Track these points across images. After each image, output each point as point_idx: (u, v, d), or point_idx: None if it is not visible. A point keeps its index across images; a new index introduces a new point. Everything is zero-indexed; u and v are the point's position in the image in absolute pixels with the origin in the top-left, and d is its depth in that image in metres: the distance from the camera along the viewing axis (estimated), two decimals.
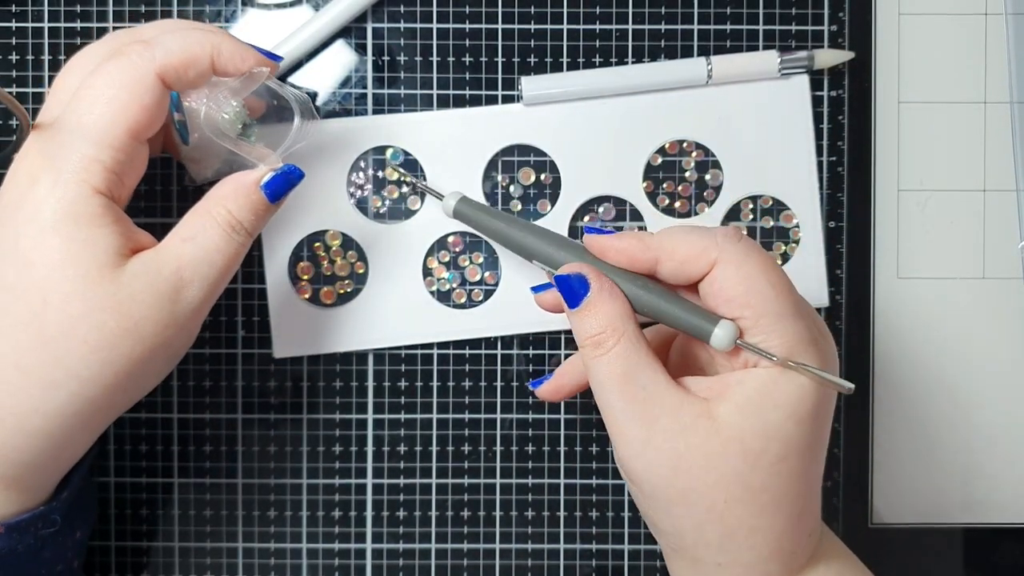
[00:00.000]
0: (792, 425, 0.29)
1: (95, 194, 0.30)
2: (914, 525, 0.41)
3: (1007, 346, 0.41)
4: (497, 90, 0.40)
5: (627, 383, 0.30)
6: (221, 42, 0.32)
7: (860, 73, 0.41)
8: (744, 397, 0.30)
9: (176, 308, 0.31)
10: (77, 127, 0.30)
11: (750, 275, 0.30)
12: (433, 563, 0.41)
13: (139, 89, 0.30)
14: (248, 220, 0.33)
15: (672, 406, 0.30)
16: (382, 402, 0.41)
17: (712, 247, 0.30)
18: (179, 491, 0.41)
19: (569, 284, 0.32)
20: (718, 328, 0.30)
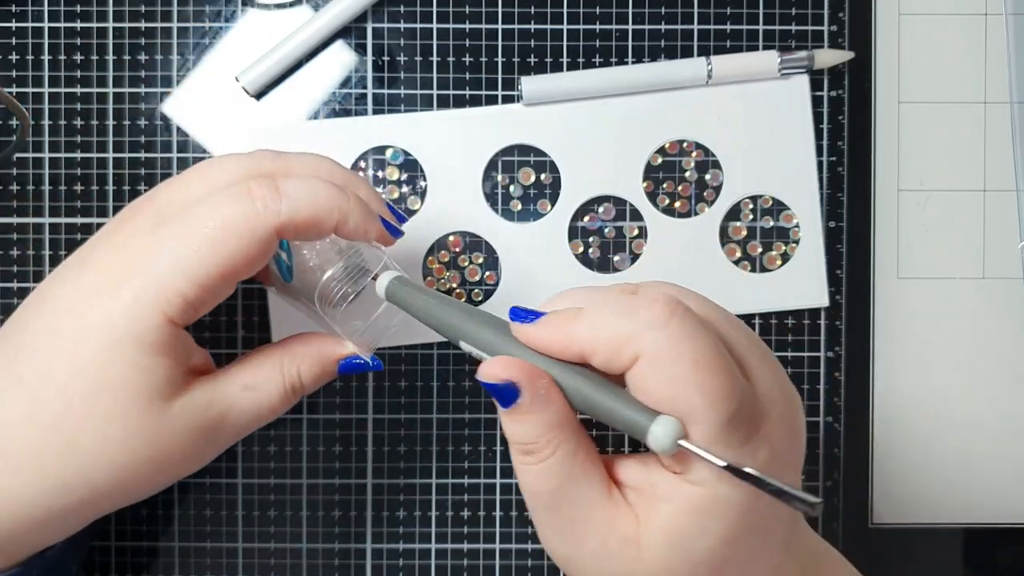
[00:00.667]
0: (724, 548, 0.26)
1: (167, 323, 0.29)
2: (914, 525, 0.41)
3: (1007, 346, 0.41)
4: (497, 90, 0.40)
5: (555, 497, 0.28)
6: (352, 210, 0.30)
7: (860, 73, 0.41)
8: (672, 522, 0.26)
9: (207, 446, 0.31)
10: (174, 252, 0.28)
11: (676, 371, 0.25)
12: (433, 563, 0.41)
13: (251, 240, 0.29)
14: (311, 386, 0.32)
15: (600, 528, 0.27)
16: (382, 402, 0.41)
17: (633, 337, 0.26)
18: (179, 491, 0.41)
19: (499, 390, 0.27)
20: (656, 425, 0.25)
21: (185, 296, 0.29)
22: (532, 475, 0.28)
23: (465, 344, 0.30)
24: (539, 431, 0.27)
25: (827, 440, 0.41)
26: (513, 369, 0.27)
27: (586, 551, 0.27)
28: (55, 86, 0.40)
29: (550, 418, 0.27)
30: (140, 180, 0.40)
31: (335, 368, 0.33)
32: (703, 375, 0.25)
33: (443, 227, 0.40)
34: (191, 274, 0.28)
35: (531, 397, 0.27)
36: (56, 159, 0.40)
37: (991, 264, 0.41)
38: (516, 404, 0.27)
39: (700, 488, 0.26)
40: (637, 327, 0.26)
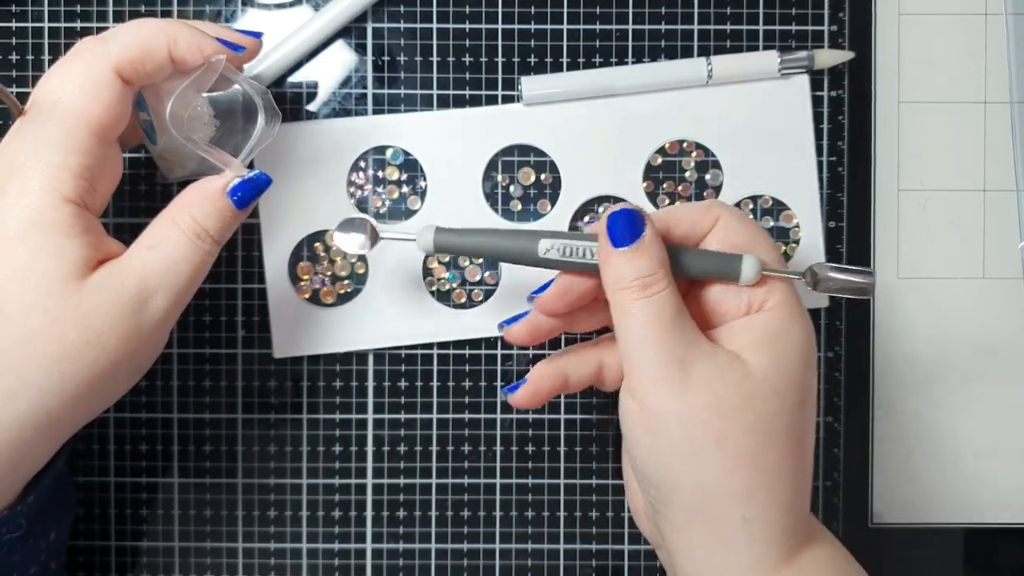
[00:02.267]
0: (802, 367, 0.31)
1: (64, 203, 0.29)
2: (914, 525, 0.41)
3: (1007, 346, 0.41)
4: (497, 90, 0.40)
5: (673, 325, 0.31)
6: (177, 31, 0.31)
7: (860, 73, 0.41)
8: (758, 340, 0.31)
9: (140, 319, 0.30)
10: (42, 134, 0.29)
11: (751, 227, 0.33)
12: (433, 563, 0.41)
13: (97, 88, 0.30)
14: (214, 227, 0.32)
15: (708, 351, 0.31)
16: (382, 402, 0.41)
17: (713, 206, 0.33)
18: (179, 491, 0.41)
19: (629, 220, 0.31)
20: (744, 262, 0.32)
21: (69, 168, 0.29)
22: (651, 305, 0.31)
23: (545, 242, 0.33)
24: (656, 264, 0.31)
25: (827, 440, 0.41)
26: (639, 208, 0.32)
27: (699, 370, 0.30)
28: None
29: (663, 255, 0.32)
30: (140, 180, 0.40)
31: (226, 200, 0.32)
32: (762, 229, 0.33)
33: None
34: (63, 144, 0.29)
35: (652, 234, 0.32)
36: None
37: (991, 264, 0.41)
38: (640, 239, 0.31)
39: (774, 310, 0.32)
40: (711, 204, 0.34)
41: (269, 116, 0.34)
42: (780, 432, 0.31)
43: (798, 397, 0.31)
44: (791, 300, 0.32)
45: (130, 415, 0.40)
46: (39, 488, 0.32)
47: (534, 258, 0.33)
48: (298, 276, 0.40)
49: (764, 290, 0.32)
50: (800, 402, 0.31)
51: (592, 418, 0.41)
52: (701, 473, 0.30)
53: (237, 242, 0.40)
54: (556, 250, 0.33)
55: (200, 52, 0.32)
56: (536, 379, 0.35)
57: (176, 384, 0.40)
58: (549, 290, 0.34)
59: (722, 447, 0.30)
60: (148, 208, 0.40)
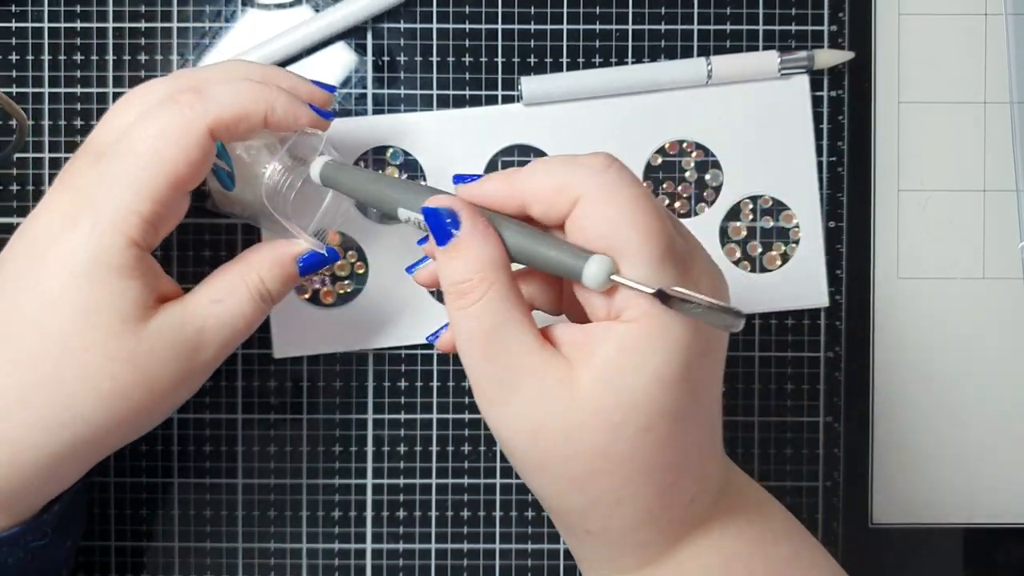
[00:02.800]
0: (657, 390, 0.27)
1: (130, 245, 0.30)
2: (914, 525, 0.41)
3: (1007, 346, 0.41)
4: (497, 90, 0.40)
5: (491, 342, 0.28)
6: (276, 99, 0.31)
7: (860, 73, 0.41)
8: (604, 360, 0.27)
9: (191, 366, 0.31)
10: (121, 175, 0.29)
11: (613, 210, 0.27)
12: (433, 563, 0.41)
13: (187, 144, 0.30)
14: (277, 291, 0.33)
15: (536, 371, 0.27)
16: (382, 402, 0.41)
17: (574, 182, 0.27)
18: (179, 491, 0.41)
19: (438, 218, 0.28)
20: (590, 264, 0.27)
21: (140, 213, 0.29)
22: (467, 317, 0.28)
23: (404, 211, 0.30)
24: (474, 267, 0.28)
25: (827, 440, 0.41)
26: (455, 202, 0.29)
27: (522, 396, 0.27)
28: (55, 86, 0.40)
29: (485, 254, 0.28)
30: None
31: (295, 268, 0.33)
32: (638, 213, 0.27)
33: None
34: (140, 190, 0.29)
35: (469, 230, 0.28)
36: (56, 159, 0.40)
37: (991, 264, 0.41)
38: (454, 238, 0.28)
39: (633, 324, 0.27)
40: (578, 174, 0.27)
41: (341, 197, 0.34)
42: (616, 460, 0.27)
43: (640, 425, 0.27)
44: (655, 311, 0.26)
45: None
46: (63, 499, 0.33)
47: (397, 220, 0.31)
48: None
49: (625, 296, 0.27)
50: (643, 429, 0.27)
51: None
52: (540, 488, 0.29)
53: (237, 242, 0.40)
54: (414, 223, 0.30)
55: (295, 121, 0.32)
56: None
57: None
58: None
59: (547, 472, 0.28)
60: None
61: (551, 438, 0.27)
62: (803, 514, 0.41)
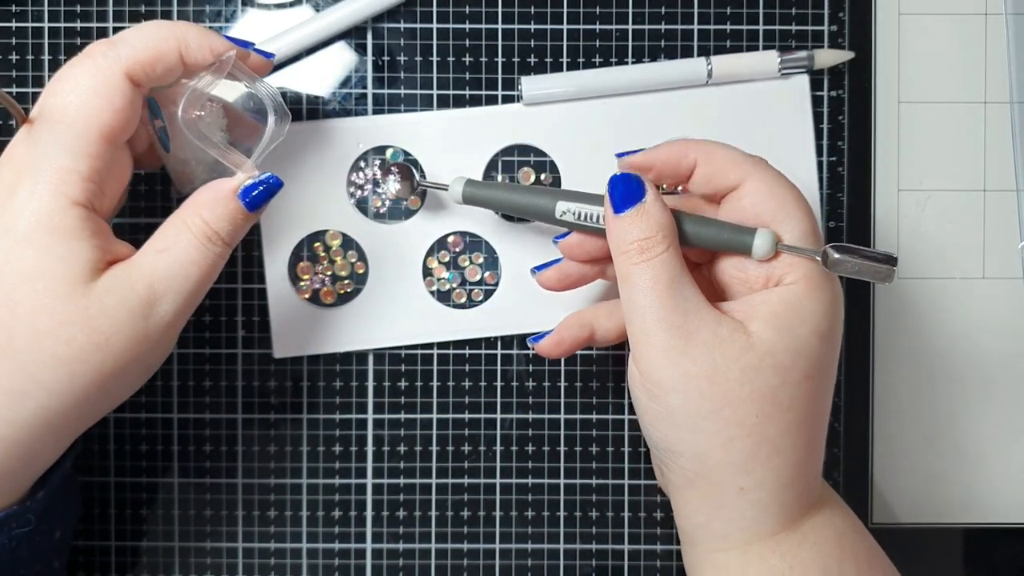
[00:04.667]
0: (816, 341, 0.31)
1: (73, 206, 0.29)
2: (914, 525, 0.41)
3: (1007, 346, 0.41)
4: (497, 90, 0.40)
5: (671, 292, 0.30)
6: (187, 32, 0.31)
7: (860, 73, 0.41)
8: (772, 313, 0.31)
9: (149, 323, 0.30)
10: (51, 137, 0.29)
11: (780, 194, 0.32)
12: (433, 563, 0.41)
13: (108, 91, 0.30)
14: (225, 230, 0.32)
15: (710, 320, 0.30)
16: (382, 402, 0.41)
17: (748, 162, 0.32)
18: (179, 491, 0.41)
19: (628, 184, 0.32)
20: (757, 237, 0.31)
21: (77, 172, 0.29)
22: (649, 269, 0.31)
23: (563, 204, 0.34)
24: (657, 226, 0.31)
25: (827, 440, 0.41)
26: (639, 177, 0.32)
27: (700, 340, 0.30)
28: None
29: (665, 218, 0.31)
30: (140, 180, 0.40)
31: (238, 204, 0.32)
32: (796, 196, 0.32)
33: (443, 227, 0.40)
34: (71, 148, 0.29)
35: (654, 196, 0.32)
36: None
37: (991, 264, 0.41)
38: (641, 202, 0.31)
39: (794, 285, 0.31)
40: (748, 157, 0.32)
41: (279, 117, 0.33)
42: (782, 405, 0.30)
43: (804, 372, 0.30)
44: (814, 274, 0.31)
45: (130, 415, 0.40)
46: (48, 485, 0.33)
47: (551, 218, 0.34)
48: (298, 276, 0.40)
49: (785, 263, 0.31)
50: (806, 376, 0.31)
51: (592, 418, 0.41)
52: (698, 442, 0.31)
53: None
54: (571, 213, 0.34)
55: (211, 51, 0.32)
56: (562, 328, 0.35)
57: (176, 384, 0.40)
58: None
59: (719, 417, 0.30)
60: (159, 209, 0.40)
61: (728, 380, 0.30)
62: None
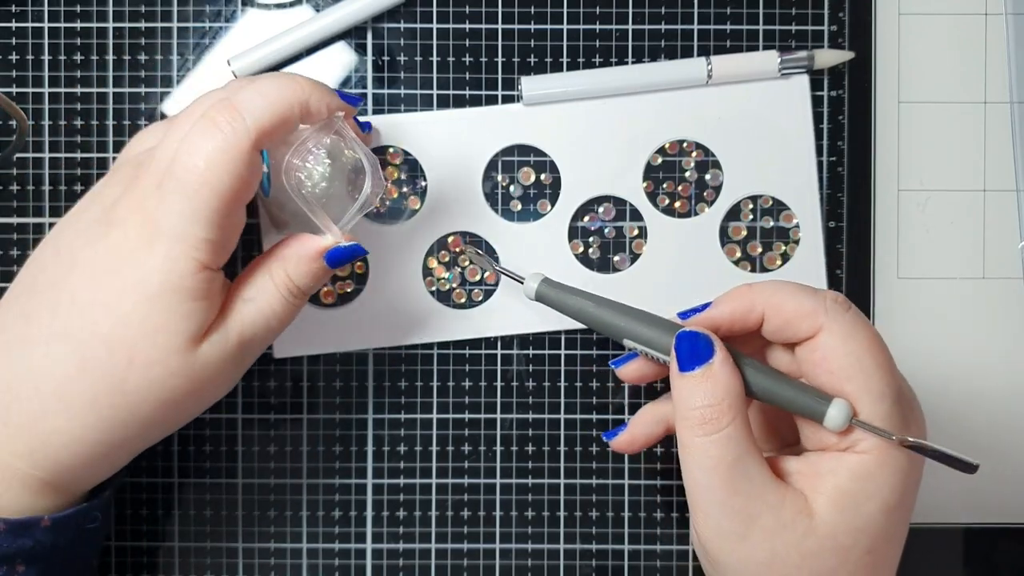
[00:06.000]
0: (882, 517, 0.29)
1: (202, 269, 0.31)
2: (914, 525, 0.41)
3: (1007, 346, 0.41)
4: (497, 90, 0.40)
5: (733, 472, 0.29)
6: (310, 95, 0.32)
7: (860, 73, 0.41)
8: (839, 490, 0.29)
9: (236, 370, 0.33)
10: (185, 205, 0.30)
11: (857, 349, 0.29)
12: (433, 563, 0.41)
13: (236, 166, 0.30)
14: (306, 285, 0.33)
15: (774, 503, 0.29)
16: (382, 402, 0.41)
17: (820, 311, 0.30)
18: (179, 491, 0.41)
19: (695, 343, 0.30)
20: (832, 408, 0.29)
21: (210, 240, 0.31)
22: (711, 445, 0.29)
23: (629, 341, 0.32)
24: (722, 394, 0.29)
25: None
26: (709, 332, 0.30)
27: (760, 526, 0.29)
28: (55, 86, 0.40)
29: (733, 384, 0.29)
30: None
31: (322, 263, 0.33)
32: (878, 355, 0.29)
33: (443, 227, 0.40)
34: (203, 218, 0.30)
35: (723, 358, 0.30)
36: (56, 159, 0.40)
37: (991, 264, 0.41)
38: (708, 363, 0.29)
39: (866, 456, 0.29)
40: (823, 305, 0.30)
41: (375, 183, 0.34)
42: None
43: (866, 548, 0.29)
44: (887, 445, 0.29)
45: None
46: (111, 484, 0.35)
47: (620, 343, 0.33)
48: None
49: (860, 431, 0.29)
50: (868, 552, 0.29)
51: (592, 418, 0.41)
52: None
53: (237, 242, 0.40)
54: (638, 350, 0.33)
55: (328, 110, 0.32)
56: (635, 424, 0.35)
57: None
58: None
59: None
60: None
61: (787, 565, 0.29)
62: None
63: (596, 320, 0.34)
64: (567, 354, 0.41)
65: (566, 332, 0.41)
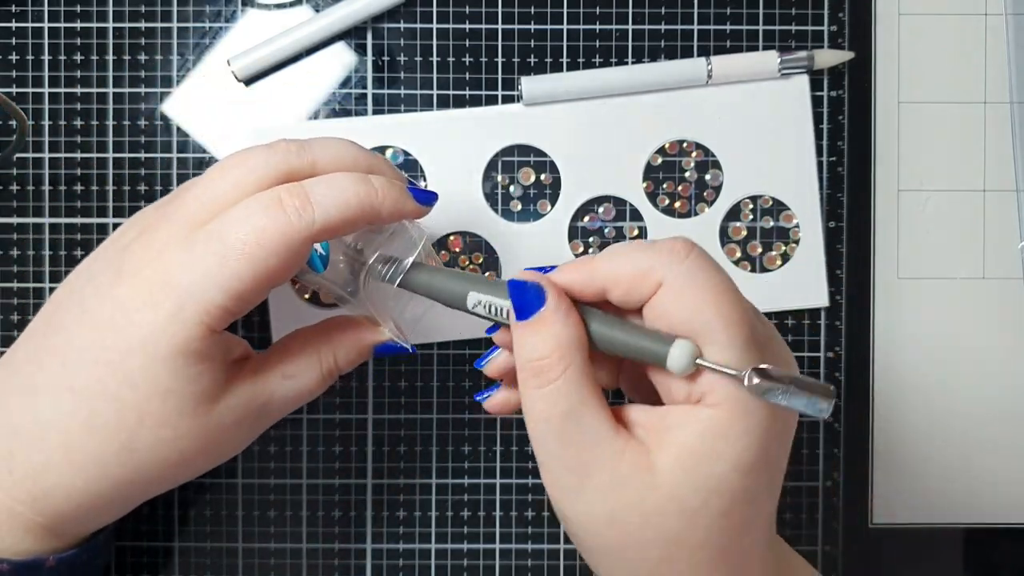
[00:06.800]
0: (736, 477, 0.27)
1: (211, 333, 0.30)
2: (914, 525, 0.41)
3: (1007, 346, 0.41)
4: (497, 90, 0.40)
5: (565, 426, 0.27)
6: (383, 202, 0.30)
7: (860, 73, 0.41)
8: (685, 447, 0.27)
9: (252, 433, 0.33)
10: (213, 270, 0.29)
11: (695, 299, 0.27)
12: (433, 563, 0.41)
13: (287, 253, 0.29)
14: (346, 369, 0.33)
15: (610, 456, 0.27)
16: (382, 402, 0.41)
17: (656, 267, 0.27)
18: (179, 491, 0.41)
19: (524, 292, 0.28)
20: (675, 348, 0.27)
21: (224, 307, 0.29)
22: (543, 398, 0.28)
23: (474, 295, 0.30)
24: (554, 345, 0.27)
25: (827, 440, 0.41)
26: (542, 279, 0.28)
27: (596, 482, 0.27)
28: (55, 86, 0.40)
29: (567, 333, 0.28)
30: (140, 180, 0.40)
31: (371, 354, 0.34)
32: (721, 300, 0.27)
33: (443, 227, 0.40)
34: (228, 288, 0.29)
35: (554, 306, 0.28)
36: (56, 159, 0.40)
37: (991, 264, 0.41)
38: (539, 312, 0.28)
39: (715, 409, 0.27)
40: (659, 259, 0.27)
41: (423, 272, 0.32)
42: (691, 545, 0.27)
43: (719, 510, 0.27)
44: (740, 395, 0.26)
45: None
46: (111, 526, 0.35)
47: (465, 309, 0.31)
48: None
49: (708, 379, 0.27)
50: (722, 514, 0.27)
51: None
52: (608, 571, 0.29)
53: None
54: (483, 306, 0.30)
55: (401, 217, 0.31)
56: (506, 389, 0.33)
57: None
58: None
59: (621, 556, 0.28)
60: None
61: (627, 524, 0.27)
62: (803, 514, 0.41)
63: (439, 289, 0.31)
64: None
65: None
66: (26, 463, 0.30)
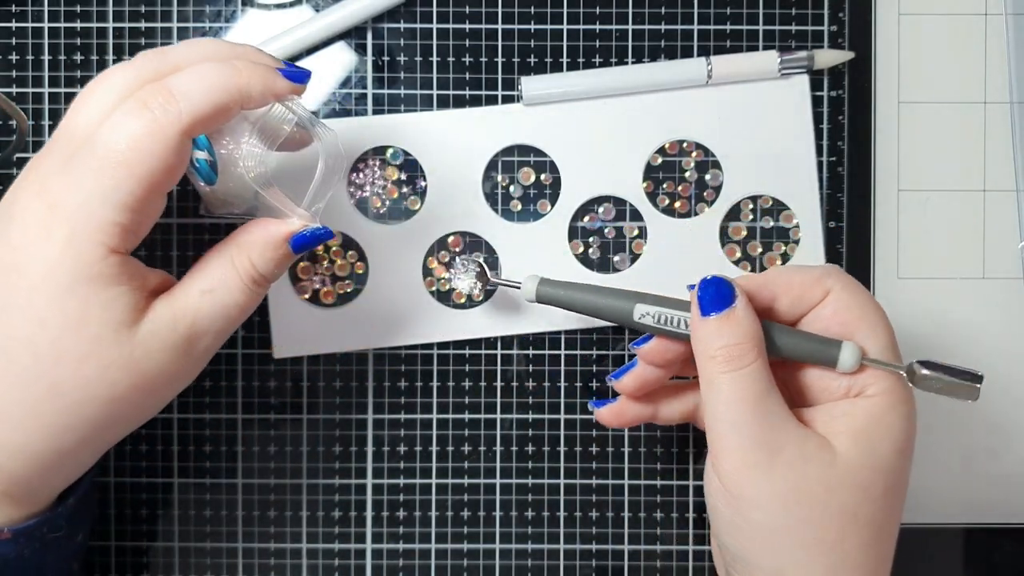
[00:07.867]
0: (896, 457, 0.31)
1: (111, 254, 0.29)
2: (914, 525, 0.41)
3: (1007, 346, 0.41)
4: (497, 90, 0.40)
5: (758, 406, 0.30)
6: (251, 83, 0.30)
7: (860, 73, 0.41)
8: (855, 429, 0.31)
9: (187, 360, 0.31)
10: (95, 184, 0.28)
11: (862, 301, 0.32)
12: (433, 563, 0.41)
13: (162, 151, 0.28)
14: (271, 273, 0.32)
15: (797, 436, 0.30)
16: (382, 402, 0.41)
17: (825, 276, 0.32)
18: (179, 491, 0.41)
19: (720, 288, 0.31)
20: (844, 350, 0.31)
21: (120, 224, 0.29)
22: (738, 380, 0.30)
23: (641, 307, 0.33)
24: (746, 335, 0.31)
25: None
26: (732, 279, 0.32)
27: (786, 457, 0.30)
28: (55, 86, 0.40)
29: (755, 327, 0.31)
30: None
31: (287, 248, 0.32)
32: (876, 306, 0.32)
33: (443, 227, 0.40)
34: (116, 201, 0.28)
35: (743, 304, 0.31)
36: None
37: (991, 264, 0.41)
38: (731, 307, 0.31)
39: (877, 398, 0.31)
40: (825, 271, 0.33)
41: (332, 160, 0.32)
42: (861, 521, 0.30)
43: (883, 488, 0.31)
44: (895, 387, 0.31)
45: None
46: (77, 492, 0.34)
47: (630, 322, 0.33)
48: (298, 276, 0.40)
49: (868, 375, 0.32)
50: (885, 492, 0.31)
51: (592, 418, 0.41)
52: (779, 557, 0.31)
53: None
54: (651, 316, 0.33)
55: (275, 97, 0.31)
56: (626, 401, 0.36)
57: None
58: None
59: (800, 534, 0.30)
60: None
61: (812, 498, 0.30)
62: None
63: (604, 304, 0.34)
64: (567, 354, 0.41)
65: (566, 332, 0.41)
66: None
